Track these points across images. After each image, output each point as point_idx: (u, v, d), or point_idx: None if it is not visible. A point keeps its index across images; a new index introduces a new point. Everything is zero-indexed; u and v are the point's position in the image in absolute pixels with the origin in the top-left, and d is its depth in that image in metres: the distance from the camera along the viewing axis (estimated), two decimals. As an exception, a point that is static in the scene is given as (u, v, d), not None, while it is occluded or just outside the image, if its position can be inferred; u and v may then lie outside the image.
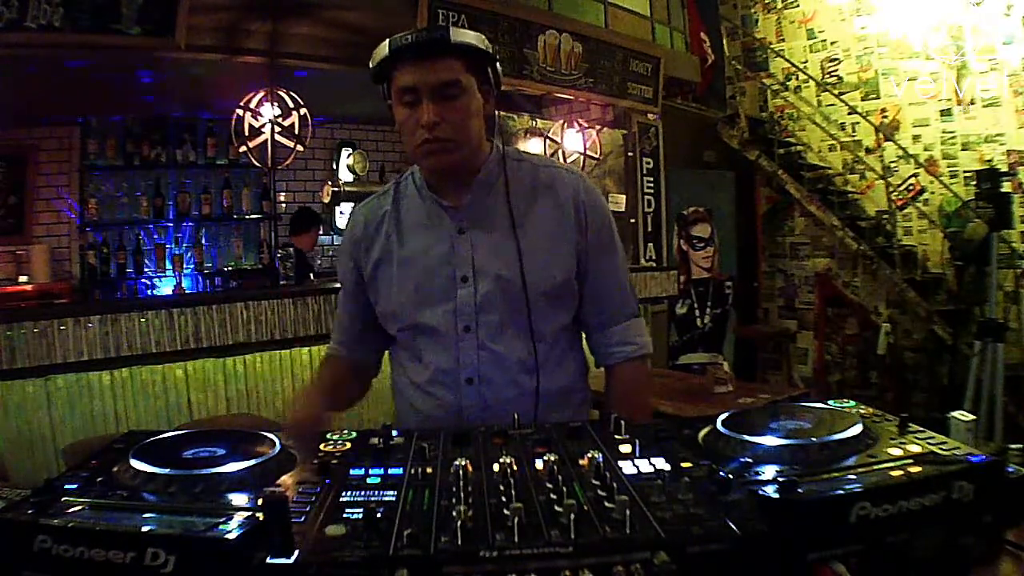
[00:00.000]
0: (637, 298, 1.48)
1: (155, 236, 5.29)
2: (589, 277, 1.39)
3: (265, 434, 0.90)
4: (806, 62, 6.80)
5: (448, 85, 1.25)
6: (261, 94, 3.93)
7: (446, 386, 1.34)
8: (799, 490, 0.66)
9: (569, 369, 1.40)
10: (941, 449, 0.79)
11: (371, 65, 1.31)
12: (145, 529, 0.62)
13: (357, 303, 1.46)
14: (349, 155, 5.84)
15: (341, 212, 5.14)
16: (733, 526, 0.64)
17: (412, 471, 0.80)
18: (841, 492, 0.68)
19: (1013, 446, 1.16)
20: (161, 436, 0.90)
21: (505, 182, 1.35)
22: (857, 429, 0.82)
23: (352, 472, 0.80)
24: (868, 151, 6.37)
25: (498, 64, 1.34)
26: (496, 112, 1.37)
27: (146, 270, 5.19)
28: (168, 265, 5.25)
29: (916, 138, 6.16)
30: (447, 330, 1.33)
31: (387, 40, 1.26)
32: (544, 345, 1.34)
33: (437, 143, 1.26)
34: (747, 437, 0.84)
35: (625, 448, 0.86)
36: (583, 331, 1.46)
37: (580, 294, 1.40)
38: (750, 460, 0.79)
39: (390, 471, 0.80)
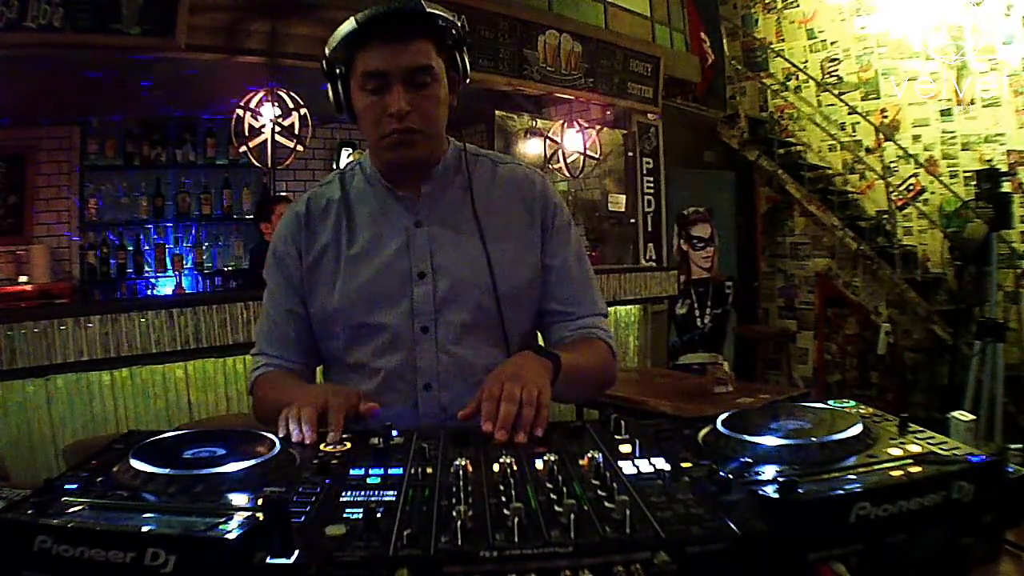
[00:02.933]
0: (602, 298, 1.37)
1: (155, 236, 5.30)
2: (552, 276, 1.29)
3: (265, 434, 0.90)
4: (806, 62, 6.80)
5: (421, 71, 1.15)
6: (261, 94, 3.94)
7: (399, 392, 1.21)
8: (799, 490, 0.66)
9: None
10: (941, 449, 0.79)
11: (329, 48, 1.18)
12: (145, 529, 0.62)
13: (302, 301, 1.28)
14: (349, 155, 5.85)
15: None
16: (733, 526, 0.64)
17: (412, 471, 0.80)
18: (841, 492, 0.68)
19: (1013, 446, 1.16)
20: (161, 436, 0.90)
21: (468, 175, 1.26)
22: (857, 429, 0.82)
23: (352, 472, 0.80)
24: (868, 151, 6.37)
25: (466, 54, 1.23)
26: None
27: (146, 270, 5.19)
28: (168, 265, 5.26)
29: (916, 138, 6.16)
30: (402, 331, 1.21)
31: (351, 18, 1.14)
32: (513, 350, 1.23)
33: (406, 134, 1.16)
34: (747, 437, 0.84)
35: (625, 448, 0.86)
36: (543, 332, 1.34)
37: (542, 294, 1.30)
38: (750, 460, 0.79)
39: (390, 471, 0.80)
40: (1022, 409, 4.81)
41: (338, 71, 1.21)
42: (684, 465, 0.79)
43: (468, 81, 1.26)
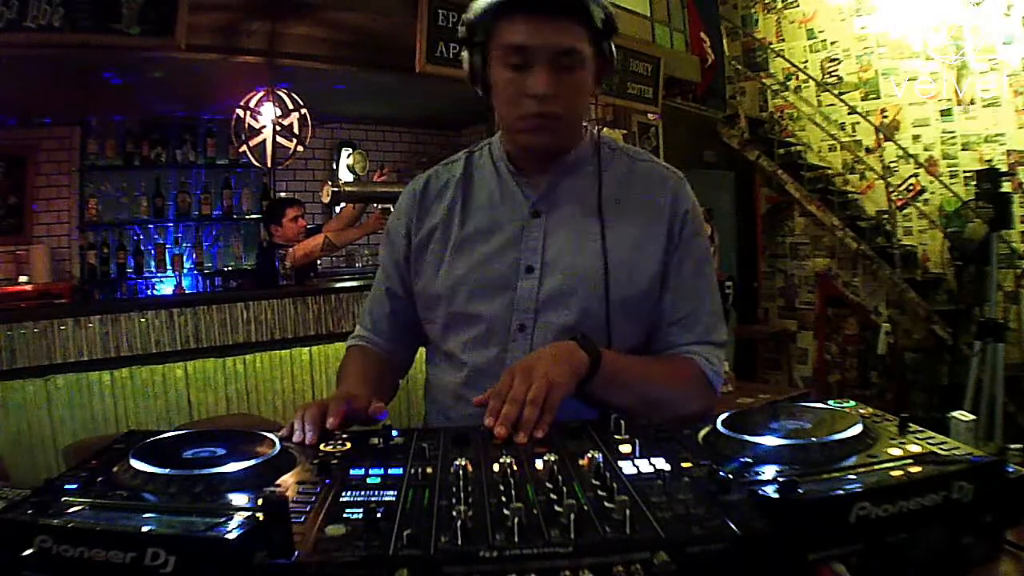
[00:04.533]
0: (726, 327, 1.24)
1: (155, 236, 5.30)
2: (667, 291, 1.17)
3: (265, 434, 0.90)
4: (806, 62, 6.80)
5: (569, 53, 1.06)
6: (261, 94, 3.94)
7: (483, 391, 1.06)
8: (799, 490, 0.66)
9: None
10: (941, 449, 0.79)
11: (473, 12, 1.10)
12: (145, 529, 0.62)
13: (404, 283, 1.25)
14: (349, 155, 5.86)
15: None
16: (733, 526, 0.64)
17: (412, 471, 0.80)
18: (841, 492, 0.68)
19: (1013, 446, 1.16)
20: (161, 436, 0.90)
21: (598, 166, 1.17)
22: (857, 429, 0.82)
23: (352, 472, 0.80)
24: (868, 151, 6.37)
25: (613, 43, 1.15)
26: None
27: (146, 270, 5.20)
28: (168, 265, 5.26)
29: (916, 138, 6.17)
30: (497, 326, 1.14)
31: None
32: None
33: (546, 119, 1.09)
34: (747, 437, 0.84)
35: (625, 448, 0.85)
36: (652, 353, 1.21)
37: (659, 310, 1.18)
38: (750, 460, 0.79)
39: (390, 471, 0.80)
40: (1022, 409, 4.81)
41: (477, 39, 1.12)
42: (684, 465, 0.79)
43: (614, 74, 1.19)
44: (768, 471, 0.75)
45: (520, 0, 1.06)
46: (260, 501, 0.63)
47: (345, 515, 0.68)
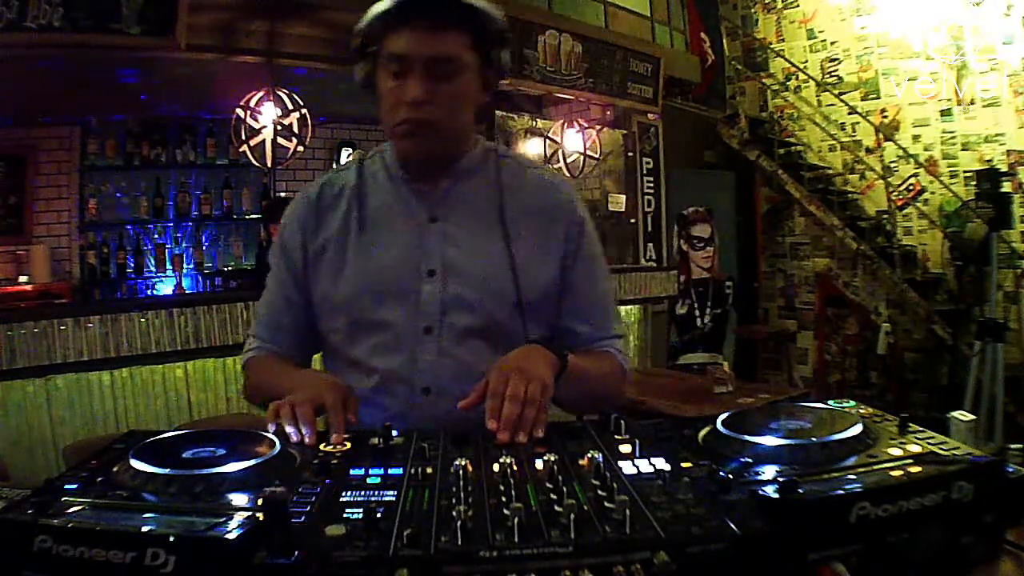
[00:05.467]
0: (621, 321, 1.30)
1: (155, 236, 5.29)
2: (571, 293, 1.23)
3: (265, 434, 0.90)
4: (806, 62, 6.80)
5: (446, 61, 1.08)
6: (261, 94, 3.94)
7: (395, 396, 1.15)
8: (799, 490, 0.66)
9: None
10: (941, 449, 0.79)
11: (363, 22, 1.12)
12: (145, 529, 0.62)
13: (303, 292, 1.23)
14: (349, 155, 5.85)
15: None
16: (733, 526, 0.64)
17: (412, 471, 0.80)
18: (841, 492, 0.68)
19: (1013, 446, 1.16)
20: (161, 436, 0.90)
21: (498, 176, 1.21)
22: (857, 429, 0.82)
23: (352, 472, 0.80)
24: (868, 151, 6.37)
25: (507, 52, 1.17)
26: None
27: (146, 270, 5.19)
28: (168, 265, 5.26)
29: (916, 138, 6.16)
30: (405, 330, 1.15)
31: None
32: None
33: (419, 125, 1.10)
34: (747, 437, 0.84)
35: (625, 448, 0.86)
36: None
37: (559, 310, 1.24)
38: (750, 460, 0.79)
39: (390, 471, 0.80)
40: (1022, 409, 4.81)
41: (368, 50, 1.14)
42: (684, 465, 0.79)
43: (507, 80, 1.20)
44: (768, 471, 0.75)
45: (402, 11, 1.07)
46: (260, 501, 0.63)
47: (345, 515, 0.68)
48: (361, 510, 0.67)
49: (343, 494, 0.74)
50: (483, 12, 1.11)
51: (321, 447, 0.90)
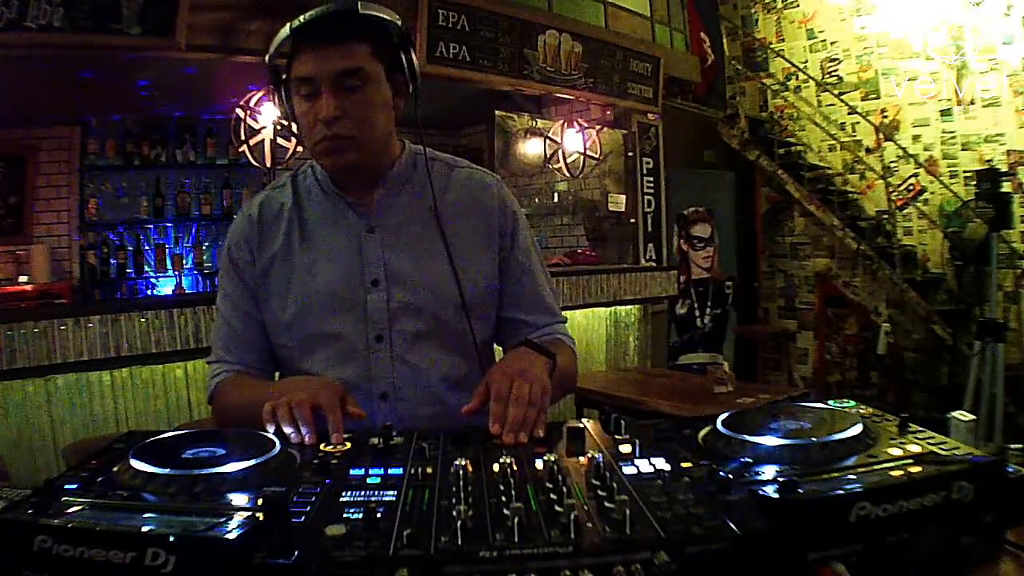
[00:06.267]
0: (560, 306, 1.36)
1: (155, 236, 5.29)
2: (512, 284, 1.28)
3: (265, 434, 0.90)
4: (806, 62, 6.80)
5: (348, 74, 1.11)
6: (261, 94, 3.93)
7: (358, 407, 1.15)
8: (799, 490, 0.66)
9: None
10: (941, 449, 0.79)
11: (270, 53, 1.16)
12: (145, 529, 0.62)
13: (258, 305, 1.24)
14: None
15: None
16: (733, 526, 0.64)
17: (412, 471, 0.80)
18: (841, 492, 0.68)
19: (1013, 446, 1.16)
20: (161, 436, 0.90)
21: (429, 179, 1.23)
22: (857, 429, 0.82)
23: (352, 472, 0.80)
24: (868, 151, 6.37)
25: (412, 51, 1.19)
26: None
27: (146, 270, 5.19)
28: (168, 265, 5.25)
29: (916, 138, 6.16)
30: (355, 340, 1.18)
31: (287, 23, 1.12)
32: (469, 359, 1.23)
33: (336, 140, 1.13)
34: (747, 437, 0.84)
35: (625, 448, 0.86)
36: (502, 341, 1.32)
37: (502, 302, 1.29)
38: (750, 460, 0.79)
39: (390, 471, 0.80)
40: (1022, 409, 4.81)
41: (282, 76, 1.18)
42: (684, 465, 0.79)
43: (419, 82, 1.21)
44: (768, 471, 0.75)
45: (299, 34, 1.11)
46: (260, 501, 0.63)
47: (345, 515, 0.68)
48: (361, 510, 0.67)
49: (343, 494, 0.74)
50: (378, 20, 1.13)
51: (321, 447, 0.90)
